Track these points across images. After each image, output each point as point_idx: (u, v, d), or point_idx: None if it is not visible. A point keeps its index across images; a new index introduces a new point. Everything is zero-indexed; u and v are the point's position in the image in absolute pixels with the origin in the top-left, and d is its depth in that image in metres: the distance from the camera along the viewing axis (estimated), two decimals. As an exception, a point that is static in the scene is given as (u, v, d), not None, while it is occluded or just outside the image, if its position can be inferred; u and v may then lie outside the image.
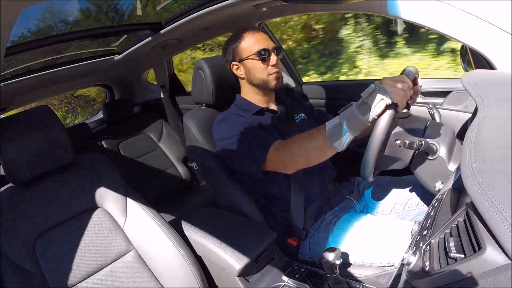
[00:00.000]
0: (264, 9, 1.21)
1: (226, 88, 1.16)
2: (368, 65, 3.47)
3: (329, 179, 1.08)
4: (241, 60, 1.04)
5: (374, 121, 0.70)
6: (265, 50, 1.01)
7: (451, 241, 0.41)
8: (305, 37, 4.05)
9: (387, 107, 0.67)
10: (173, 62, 2.21)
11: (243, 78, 1.07)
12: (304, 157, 0.84)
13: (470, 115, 0.74)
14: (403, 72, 0.76)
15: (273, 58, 1.01)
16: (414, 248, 0.53)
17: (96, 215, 0.88)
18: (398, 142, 0.78)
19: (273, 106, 1.10)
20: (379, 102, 0.66)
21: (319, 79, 3.64)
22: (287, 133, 1.04)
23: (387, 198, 1.07)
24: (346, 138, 0.72)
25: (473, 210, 0.40)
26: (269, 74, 1.02)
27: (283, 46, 2.06)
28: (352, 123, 0.70)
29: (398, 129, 0.81)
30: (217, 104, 1.18)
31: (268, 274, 0.86)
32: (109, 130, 2.15)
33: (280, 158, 0.88)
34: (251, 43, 1.03)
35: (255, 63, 1.02)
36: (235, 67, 1.07)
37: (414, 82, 0.82)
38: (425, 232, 0.53)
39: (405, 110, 0.84)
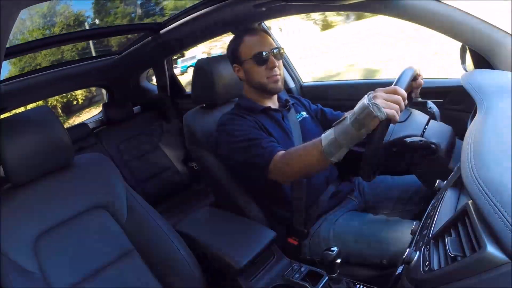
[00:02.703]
0: (264, 9, 1.21)
1: (226, 88, 1.16)
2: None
3: (329, 179, 1.08)
4: (240, 63, 1.04)
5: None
6: (262, 53, 0.99)
7: (451, 240, 0.41)
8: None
9: (381, 122, 0.66)
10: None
11: (244, 80, 1.07)
12: (303, 172, 0.85)
13: (470, 115, 0.74)
14: (399, 78, 0.74)
15: (271, 61, 0.99)
16: (414, 247, 0.53)
17: (96, 215, 0.88)
18: (394, 149, 0.79)
19: (275, 106, 1.10)
20: (373, 119, 0.66)
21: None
22: (291, 132, 1.04)
23: (387, 197, 1.07)
24: (342, 152, 0.73)
25: (473, 210, 0.40)
26: (267, 78, 1.01)
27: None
28: (347, 139, 0.70)
29: (396, 134, 0.81)
30: (217, 104, 1.18)
31: (268, 273, 0.86)
32: (109, 130, 2.15)
33: (280, 173, 0.88)
34: (249, 46, 1.01)
35: (252, 67, 1.01)
36: (236, 69, 1.06)
37: (415, 78, 0.81)
38: (425, 232, 0.53)
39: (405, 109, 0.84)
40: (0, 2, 0.53)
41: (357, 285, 0.73)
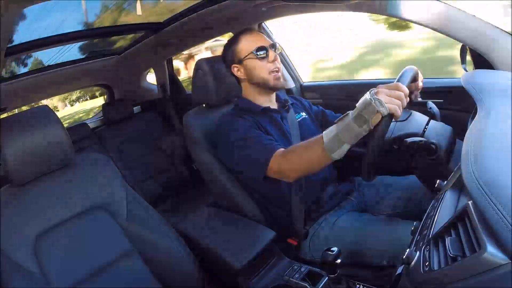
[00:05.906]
0: (264, 9, 1.21)
1: (227, 88, 1.16)
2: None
3: (329, 179, 1.08)
4: (240, 61, 1.04)
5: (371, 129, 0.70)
6: (262, 47, 1.01)
7: (451, 241, 0.41)
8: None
9: (383, 117, 0.67)
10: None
11: (244, 79, 1.07)
12: (304, 168, 0.85)
13: (470, 115, 0.74)
14: (401, 75, 0.75)
15: (271, 54, 1.01)
16: (414, 248, 0.53)
17: (96, 215, 0.88)
18: (395, 146, 0.79)
19: (274, 106, 1.10)
20: (375, 114, 0.66)
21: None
22: (290, 133, 1.04)
23: (387, 198, 1.07)
24: (344, 148, 0.73)
25: (473, 210, 0.40)
26: (269, 72, 1.02)
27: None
28: (349, 135, 0.70)
29: (397, 133, 0.81)
30: (218, 104, 1.18)
31: (268, 274, 0.86)
32: (109, 130, 2.15)
33: (281, 169, 0.88)
34: (248, 43, 1.03)
35: (254, 62, 1.02)
36: (235, 69, 1.06)
37: (415, 79, 0.82)
38: (425, 232, 0.53)
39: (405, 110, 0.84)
40: (0, 2, 0.53)
41: (357, 285, 0.73)
